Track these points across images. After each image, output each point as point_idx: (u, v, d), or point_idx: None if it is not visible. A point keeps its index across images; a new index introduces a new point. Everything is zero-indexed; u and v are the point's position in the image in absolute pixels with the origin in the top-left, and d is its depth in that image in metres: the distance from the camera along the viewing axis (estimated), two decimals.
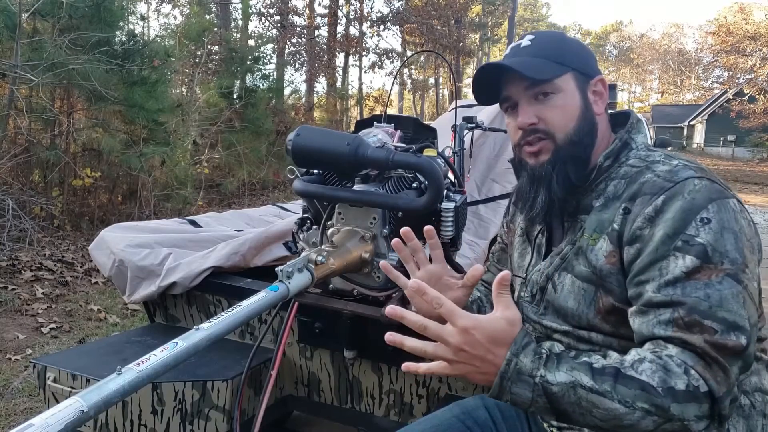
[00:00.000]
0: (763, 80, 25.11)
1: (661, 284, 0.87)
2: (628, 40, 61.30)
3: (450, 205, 1.42)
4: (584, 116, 1.03)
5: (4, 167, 5.02)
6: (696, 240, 0.86)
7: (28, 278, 4.14)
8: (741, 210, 0.90)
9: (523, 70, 1.00)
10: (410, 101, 33.83)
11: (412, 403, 1.60)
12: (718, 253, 0.85)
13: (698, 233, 0.86)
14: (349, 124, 16.33)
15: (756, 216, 10.90)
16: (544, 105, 1.02)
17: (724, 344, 0.82)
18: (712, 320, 0.82)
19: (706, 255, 0.85)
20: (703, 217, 0.87)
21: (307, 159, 1.34)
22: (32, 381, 2.57)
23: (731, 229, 0.86)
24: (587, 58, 1.08)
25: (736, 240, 0.86)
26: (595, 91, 1.06)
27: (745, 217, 0.90)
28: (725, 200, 0.89)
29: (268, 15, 16.20)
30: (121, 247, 1.76)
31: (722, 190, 0.91)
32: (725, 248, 0.85)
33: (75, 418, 0.72)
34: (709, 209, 0.87)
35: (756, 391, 0.94)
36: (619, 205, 0.96)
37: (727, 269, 0.84)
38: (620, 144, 1.03)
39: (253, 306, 1.07)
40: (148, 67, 6.05)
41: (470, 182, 2.71)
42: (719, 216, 0.87)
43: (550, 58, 1.03)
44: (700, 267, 0.85)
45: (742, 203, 0.92)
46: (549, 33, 1.11)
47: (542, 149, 1.03)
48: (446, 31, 20.48)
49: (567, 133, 1.02)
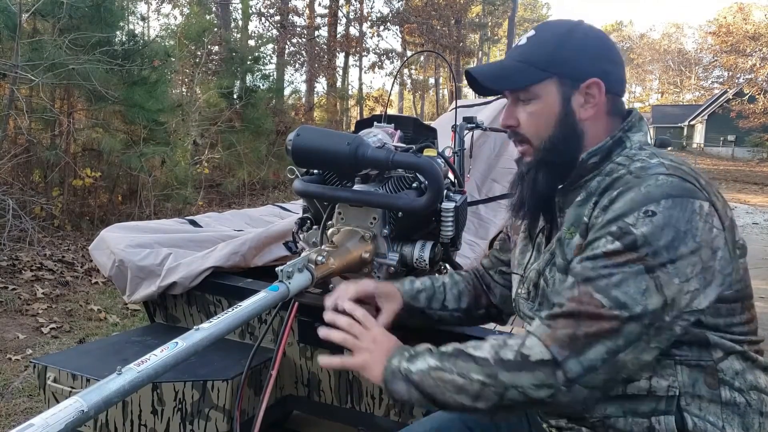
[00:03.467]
0: (763, 80, 25.09)
1: (582, 258, 0.92)
2: (628, 40, 61.22)
3: (450, 205, 1.42)
4: (563, 123, 1.02)
5: (4, 167, 5.02)
6: (631, 229, 0.87)
7: (28, 278, 4.14)
8: (708, 214, 0.88)
9: (490, 80, 1.04)
10: (410, 101, 33.83)
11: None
12: (647, 245, 0.85)
13: (636, 223, 0.87)
14: (349, 124, 16.34)
15: (756, 216, 10.90)
16: (522, 109, 1.05)
17: (600, 314, 0.86)
18: (603, 295, 0.86)
19: (634, 244, 0.86)
20: (648, 210, 0.87)
21: (307, 159, 1.34)
22: (32, 381, 2.57)
23: (676, 228, 0.86)
24: (585, 58, 1.02)
25: (675, 238, 0.85)
26: (587, 93, 1.01)
27: (708, 221, 0.87)
28: (688, 200, 0.88)
29: (268, 15, 16.22)
30: (121, 247, 1.76)
31: (691, 190, 0.89)
32: (657, 243, 0.85)
33: (75, 418, 0.72)
34: (660, 203, 0.87)
35: (751, 389, 0.94)
36: (593, 199, 0.98)
37: (646, 260, 0.85)
38: (611, 142, 1.02)
39: (253, 306, 1.07)
40: (148, 67, 6.05)
41: (470, 182, 2.71)
42: (669, 212, 0.86)
43: (535, 63, 1.02)
44: (622, 252, 0.87)
45: (716, 208, 0.90)
46: (552, 28, 1.06)
47: (525, 152, 1.07)
48: (446, 31, 20.49)
49: (542, 139, 1.04)
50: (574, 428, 1.02)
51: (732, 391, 0.93)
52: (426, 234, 1.48)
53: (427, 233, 1.48)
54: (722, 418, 0.92)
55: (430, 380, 0.95)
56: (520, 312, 1.16)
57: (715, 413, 0.92)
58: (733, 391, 0.93)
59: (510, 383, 0.88)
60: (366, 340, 1.07)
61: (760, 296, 5.07)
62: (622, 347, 0.85)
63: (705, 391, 0.92)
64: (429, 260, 1.44)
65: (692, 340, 0.92)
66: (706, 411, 0.92)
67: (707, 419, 0.92)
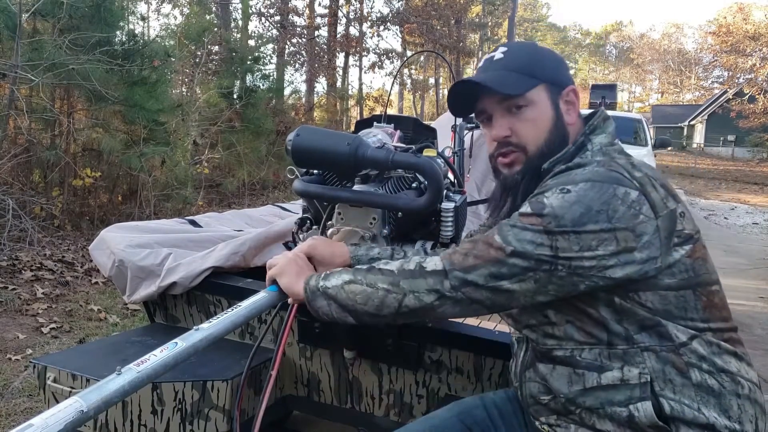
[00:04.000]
0: (763, 80, 25.08)
1: None
2: (628, 40, 61.21)
3: (450, 205, 1.42)
4: (556, 127, 1.07)
5: (4, 167, 5.02)
6: (543, 200, 0.96)
7: (28, 278, 4.14)
8: (634, 201, 0.93)
9: (495, 86, 1.05)
10: (410, 101, 33.83)
11: (412, 403, 1.60)
12: (554, 216, 0.93)
13: (549, 197, 0.95)
14: (349, 124, 16.33)
15: (756, 216, 10.90)
16: (516, 118, 1.07)
17: (490, 243, 0.98)
18: (500, 237, 0.97)
19: (541, 212, 0.95)
20: (564, 188, 0.95)
21: (307, 159, 1.34)
22: (32, 381, 2.57)
23: (586, 205, 0.92)
24: (559, 68, 1.11)
25: (582, 215, 0.92)
26: (567, 101, 1.09)
27: (633, 207, 0.92)
28: (609, 185, 0.94)
29: (268, 15, 16.21)
30: (121, 247, 1.76)
31: (617, 178, 0.95)
32: (563, 214, 0.93)
33: (75, 418, 0.72)
34: (579, 185, 0.95)
35: (721, 372, 0.97)
36: None
37: (548, 227, 0.93)
38: (573, 148, 1.07)
39: (253, 306, 1.07)
40: (148, 67, 6.04)
41: (470, 182, 2.71)
42: (585, 193, 0.93)
43: (523, 72, 1.06)
44: (530, 215, 0.96)
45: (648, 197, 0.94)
46: (521, 44, 1.15)
47: (515, 161, 1.09)
48: (446, 31, 20.49)
49: (538, 145, 1.07)
50: (563, 424, 1.04)
51: (702, 373, 0.96)
52: (426, 234, 1.48)
53: (426, 233, 1.48)
54: (697, 400, 0.95)
55: (342, 293, 1.07)
56: None
57: (689, 396, 0.95)
58: (703, 373, 0.96)
59: (408, 288, 1.01)
60: (282, 262, 1.18)
61: (760, 296, 5.08)
62: (505, 275, 0.96)
63: (675, 375, 0.96)
64: None
65: (647, 325, 0.96)
66: (680, 394, 0.95)
67: (683, 402, 0.95)
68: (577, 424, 1.02)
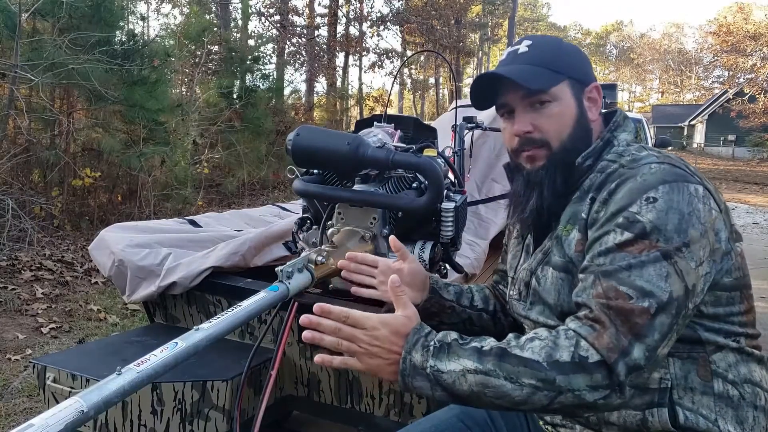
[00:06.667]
0: (763, 80, 25.07)
1: (594, 254, 0.92)
2: (628, 40, 61.27)
3: (450, 205, 1.42)
4: (579, 123, 1.06)
5: (4, 167, 5.02)
6: (637, 217, 0.88)
7: (27, 278, 4.13)
8: (704, 196, 0.90)
9: (521, 80, 1.02)
10: (410, 101, 33.82)
11: (412, 403, 1.60)
12: (657, 230, 0.87)
13: (640, 211, 0.89)
14: (349, 124, 16.33)
15: (756, 216, 10.90)
16: (540, 113, 1.05)
17: (631, 309, 0.84)
18: (628, 287, 0.85)
19: (644, 232, 0.87)
20: (649, 197, 0.89)
21: (307, 159, 1.34)
22: (32, 381, 2.57)
23: (679, 210, 0.88)
24: (583, 64, 1.10)
25: (681, 221, 0.87)
26: (589, 97, 1.08)
27: (707, 203, 0.90)
28: (683, 184, 0.90)
29: (268, 15, 16.19)
30: (120, 247, 1.76)
31: (684, 175, 0.92)
32: (666, 227, 0.87)
33: (75, 419, 0.72)
34: (659, 189, 0.90)
35: (745, 382, 0.95)
36: (589, 196, 0.99)
37: (660, 246, 0.86)
38: (602, 143, 1.05)
39: (253, 306, 1.07)
40: (148, 67, 6.04)
41: (470, 182, 2.70)
42: (669, 196, 0.89)
43: (547, 66, 1.04)
44: (634, 241, 0.88)
45: (710, 191, 0.93)
46: (546, 39, 1.12)
47: (537, 156, 1.06)
48: (446, 31, 20.48)
49: (562, 140, 1.05)
50: (568, 425, 1.03)
51: (725, 383, 0.94)
52: (426, 234, 1.48)
53: (427, 233, 1.48)
54: (715, 411, 0.93)
55: (465, 384, 0.85)
56: (515, 313, 1.17)
57: (708, 406, 0.93)
58: (726, 384, 0.94)
59: (566, 386, 0.83)
60: (364, 343, 0.90)
61: (760, 296, 5.07)
62: (658, 341, 0.85)
63: (697, 383, 0.93)
64: (429, 260, 1.44)
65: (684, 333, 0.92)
66: (698, 404, 0.93)
67: (700, 412, 0.92)
68: (582, 425, 1.00)
